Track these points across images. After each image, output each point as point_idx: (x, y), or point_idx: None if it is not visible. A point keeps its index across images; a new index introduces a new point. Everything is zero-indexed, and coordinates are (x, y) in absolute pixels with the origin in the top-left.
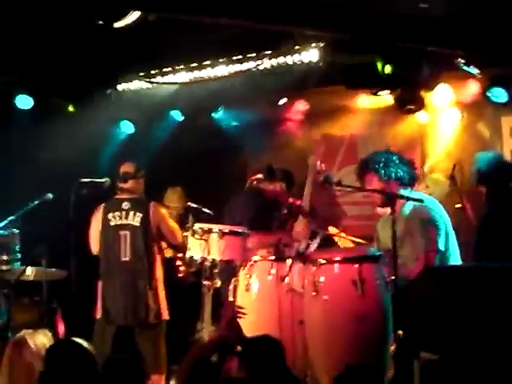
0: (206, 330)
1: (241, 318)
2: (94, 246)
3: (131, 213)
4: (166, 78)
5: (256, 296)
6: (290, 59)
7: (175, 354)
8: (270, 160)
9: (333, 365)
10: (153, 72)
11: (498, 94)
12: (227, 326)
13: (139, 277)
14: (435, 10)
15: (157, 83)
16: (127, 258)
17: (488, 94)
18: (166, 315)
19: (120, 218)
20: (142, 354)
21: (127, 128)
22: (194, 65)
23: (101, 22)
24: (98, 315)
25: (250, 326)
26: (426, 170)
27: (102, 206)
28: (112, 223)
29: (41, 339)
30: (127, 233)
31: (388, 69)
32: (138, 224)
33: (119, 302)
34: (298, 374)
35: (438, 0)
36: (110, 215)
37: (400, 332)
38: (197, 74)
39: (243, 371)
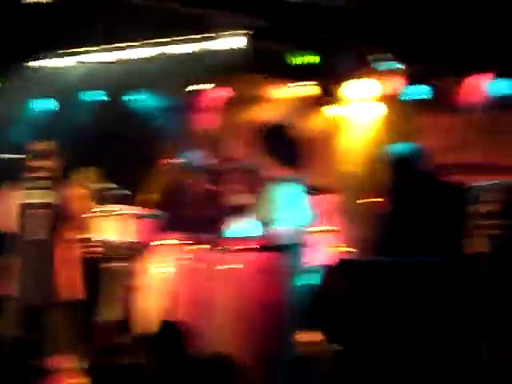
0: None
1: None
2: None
3: (43, 191)
4: (88, 57)
5: (167, 280)
6: (214, 45)
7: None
8: (188, 143)
9: (238, 351)
10: (75, 50)
11: (418, 91)
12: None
13: (50, 255)
14: (352, 2)
15: (79, 62)
16: (38, 237)
17: (408, 89)
18: (77, 294)
19: (32, 196)
20: (49, 333)
21: (45, 105)
22: (120, 45)
23: None
24: (7, 292)
25: (160, 310)
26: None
27: (14, 182)
28: (24, 201)
29: None
30: (38, 211)
31: (305, 59)
32: (49, 202)
33: (29, 281)
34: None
35: None
36: (22, 193)
37: None
38: (121, 54)
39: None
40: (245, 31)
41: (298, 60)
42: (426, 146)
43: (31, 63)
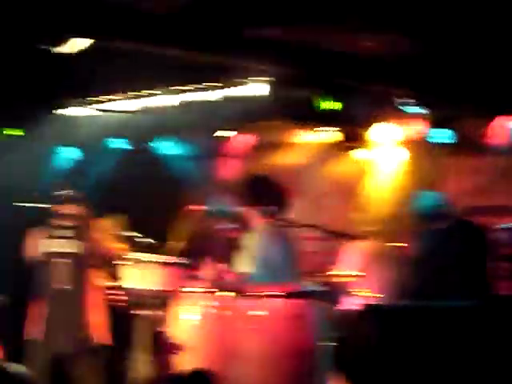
0: (140, 360)
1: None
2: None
3: (71, 240)
4: (113, 106)
5: (193, 327)
6: (237, 92)
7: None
8: (213, 191)
9: None
10: (100, 99)
11: (442, 135)
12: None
13: (75, 305)
14: (378, 49)
15: (105, 110)
16: (64, 286)
17: (432, 133)
18: (105, 340)
19: (60, 245)
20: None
21: (71, 154)
22: (143, 93)
23: (44, 47)
24: (33, 336)
25: (184, 357)
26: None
27: (40, 230)
28: (52, 250)
29: None
30: (65, 261)
31: (330, 105)
32: (77, 251)
33: (55, 330)
34: None
35: (381, 40)
36: (49, 242)
37: None
38: (144, 103)
39: None
40: (268, 78)
41: (322, 105)
42: (451, 190)
43: (56, 112)
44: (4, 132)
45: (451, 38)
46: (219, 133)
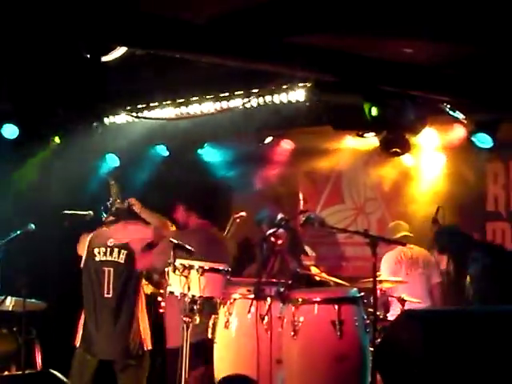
0: (184, 366)
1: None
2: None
3: (116, 250)
4: (153, 113)
5: (235, 334)
6: (277, 98)
7: None
8: (254, 197)
9: None
10: (140, 106)
11: (483, 140)
12: None
13: (121, 314)
14: (420, 55)
15: (144, 118)
16: (109, 295)
17: (473, 138)
18: (148, 346)
19: (105, 254)
20: None
21: (112, 161)
22: (181, 100)
23: (88, 56)
24: (78, 344)
25: (228, 363)
26: None
27: (90, 236)
28: (97, 258)
29: None
30: (111, 269)
31: (374, 111)
32: (122, 261)
33: (100, 338)
34: None
35: (422, 46)
36: (95, 250)
37: None
38: (183, 109)
39: None
40: (309, 84)
41: (365, 111)
42: (493, 194)
43: (96, 120)
44: (54, 139)
45: (493, 43)
46: (260, 139)
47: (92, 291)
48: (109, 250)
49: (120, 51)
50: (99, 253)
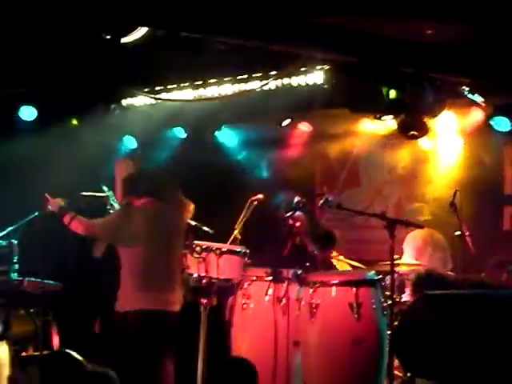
0: (201, 348)
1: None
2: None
3: None
4: (171, 95)
5: (252, 316)
6: (294, 80)
7: None
8: (271, 179)
9: None
10: (157, 88)
11: (501, 123)
12: None
13: None
14: (440, 36)
15: (161, 100)
16: None
17: (491, 122)
18: None
19: None
20: None
21: (130, 143)
22: (199, 82)
23: (108, 37)
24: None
25: (245, 345)
26: None
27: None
28: None
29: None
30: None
31: (393, 94)
32: None
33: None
34: None
35: (443, 27)
36: None
37: None
38: (201, 91)
39: None
40: (329, 66)
41: (381, 94)
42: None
43: (114, 102)
44: (72, 121)
45: None
46: (278, 121)
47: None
48: None
49: (140, 32)
50: None
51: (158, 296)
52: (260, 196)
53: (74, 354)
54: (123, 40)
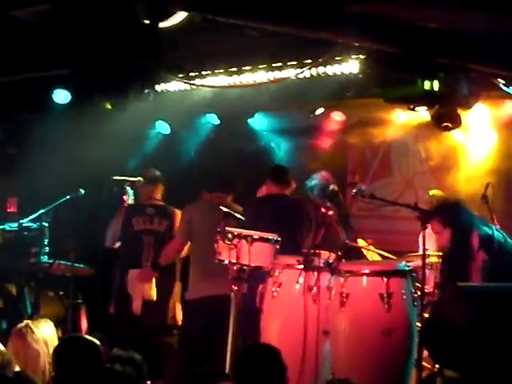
0: (231, 333)
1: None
2: (109, 240)
3: (156, 219)
4: (205, 81)
5: (282, 304)
6: (329, 69)
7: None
8: (304, 168)
9: (355, 377)
10: (192, 74)
11: None
12: None
13: (160, 283)
14: (477, 28)
15: (195, 85)
16: (149, 263)
17: None
18: (179, 320)
19: (144, 222)
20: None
21: (163, 128)
22: (234, 69)
23: (147, 22)
24: (113, 311)
25: (275, 333)
26: None
27: (124, 208)
28: (135, 228)
29: (43, 327)
30: (151, 238)
31: (428, 85)
32: (162, 230)
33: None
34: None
35: (479, 19)
36: (133, 220)
37: None
38: (235, 78)
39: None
40: (364, 55)
41: (416, 84)
42: None
43: (148, 87)
44: (105, 105)
45: None
46: (311, 110)
47: (131, 260)
48: (148, 218)
49: (178, 18)
50: (137, 222)
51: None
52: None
53: (89, 338)
54: (161, 25)
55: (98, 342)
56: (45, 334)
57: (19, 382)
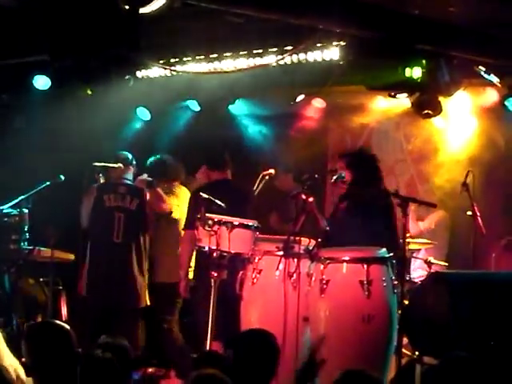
0: (211, 320)
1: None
2: (85, 221)
3: (128, 197)
4: (185, 67)
5: (262, 290)
6: (310, 56)
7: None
8: (284, 154)
9: (335, 364)
10: (172, 60)
11: None
12: None
13: (128, 260)
14: (461, 15)
15: (176, 71)
16: (119, 240)
17: (506, 103)
18: (146, 301)
19: (116, 200)
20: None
21: (143, 115)
22: (214, 55)
23: (127, 7)
24: (83, 292)
25: (255, 319)
26: None
27: (96, 186)
28: (106, 204)
29: None
30: (121, 215)
31: (409, 72)
32: (134, 208)
33: (105, 284)
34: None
35: (463, 6)
36: (104, 197)
37: None
38: (216, 64)
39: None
40: (342, 42)
41: (397, 71)
42: None
43: (134, 73)
44: (87, 90)
45: None
46: (292, 96)
47: (100, 237)
48: (120, 196)
49: (158, 3)
50: (109, 199)
51: None
52: (272, 171)
53: (60, 323)
54: (141, 11)
55: (67, 327)
56: None
57: None
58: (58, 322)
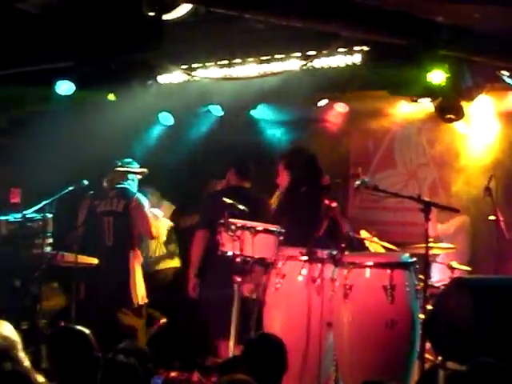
0: (233, 325)
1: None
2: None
3: (115, 200)
4: (208, 72)
5: (285, 295)
6: (333, 61)
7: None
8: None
9: (358, 369)
10: (194, 65)
11: None
12: None
13: (123, 260)
14: (484, 21)
15: (198, 77)
16: (111, 243)
17: None
18: (144, 299)
19: (105, 205)
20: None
21: (166, 120)
22: (237, 60)
23: (151, 14)
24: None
25: (278, 325)
26: None
27: (89, 195)
28: (97, 210)
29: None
30: (110, 218)
31: (432, 77)
32: (120, 210)
33: (102, 286)
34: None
35: (488, 12)
36: (96, 203)
37: None
38: (239, 70)
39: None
40: (365, 47)
41: (420, 76)
42: None
43: (151, 79)
44: (110, 95)
45: None
46: (315, 101)
47: (95, 242)
48: (109, 200)
49: (182, 10)
50: (99, 204)
51: None
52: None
53: (80, 328)
54: (165, 17)
55: (87, 331)
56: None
57: (14, 378)
58: (77, 326)
